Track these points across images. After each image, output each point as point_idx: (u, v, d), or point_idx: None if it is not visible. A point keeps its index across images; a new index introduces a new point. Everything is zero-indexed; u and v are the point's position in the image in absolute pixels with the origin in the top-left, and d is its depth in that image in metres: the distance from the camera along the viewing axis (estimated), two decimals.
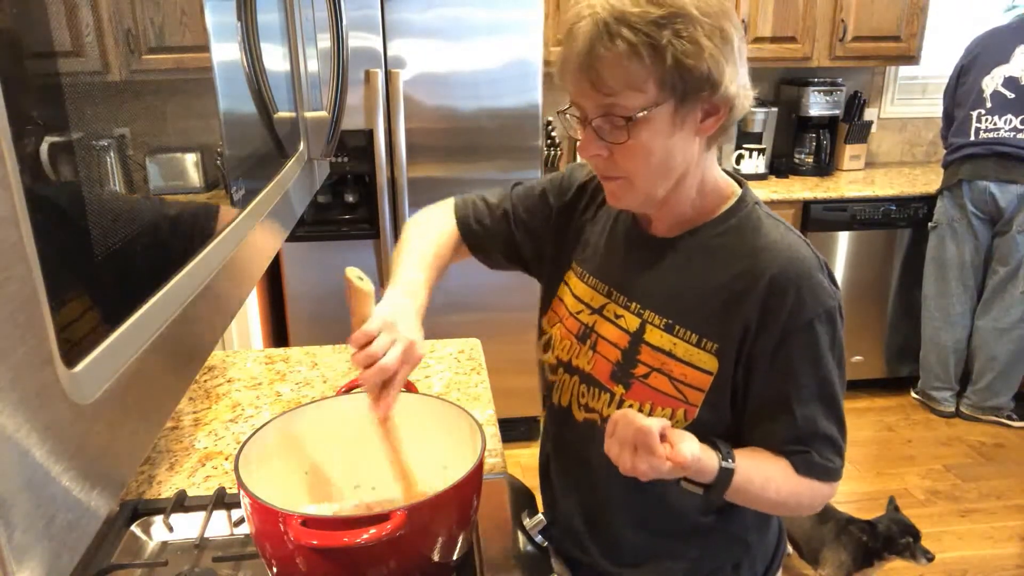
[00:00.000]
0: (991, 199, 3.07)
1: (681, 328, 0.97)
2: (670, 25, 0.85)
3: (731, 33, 0.89)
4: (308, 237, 2.78)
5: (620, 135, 0.90)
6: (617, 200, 0.98)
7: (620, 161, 0.92)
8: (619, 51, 0.86)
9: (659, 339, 0.98)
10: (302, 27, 1.01)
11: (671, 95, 0.88)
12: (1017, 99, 3.03)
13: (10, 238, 0.34)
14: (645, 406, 0.98)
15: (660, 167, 0.93)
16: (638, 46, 0.85)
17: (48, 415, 0.36)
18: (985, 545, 2.60)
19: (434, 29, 2.64)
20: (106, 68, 0.47)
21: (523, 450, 3.11)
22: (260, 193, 0.80)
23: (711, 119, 0.92)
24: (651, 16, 0.85)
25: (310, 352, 1.73)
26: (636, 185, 0.94)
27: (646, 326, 1.00)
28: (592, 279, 1.09)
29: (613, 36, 0.85)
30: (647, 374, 0.98)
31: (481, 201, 1.22)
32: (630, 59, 0.86)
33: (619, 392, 1.00)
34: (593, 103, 0.90)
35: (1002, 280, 3.17)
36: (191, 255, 0.58)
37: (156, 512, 1.10)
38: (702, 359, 0.95)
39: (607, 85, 0.88)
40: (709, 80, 0.87)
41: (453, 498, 0.88)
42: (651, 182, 0.94)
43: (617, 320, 1.03)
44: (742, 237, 0.97)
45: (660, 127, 0.90)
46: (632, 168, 0.93)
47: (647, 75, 0.86)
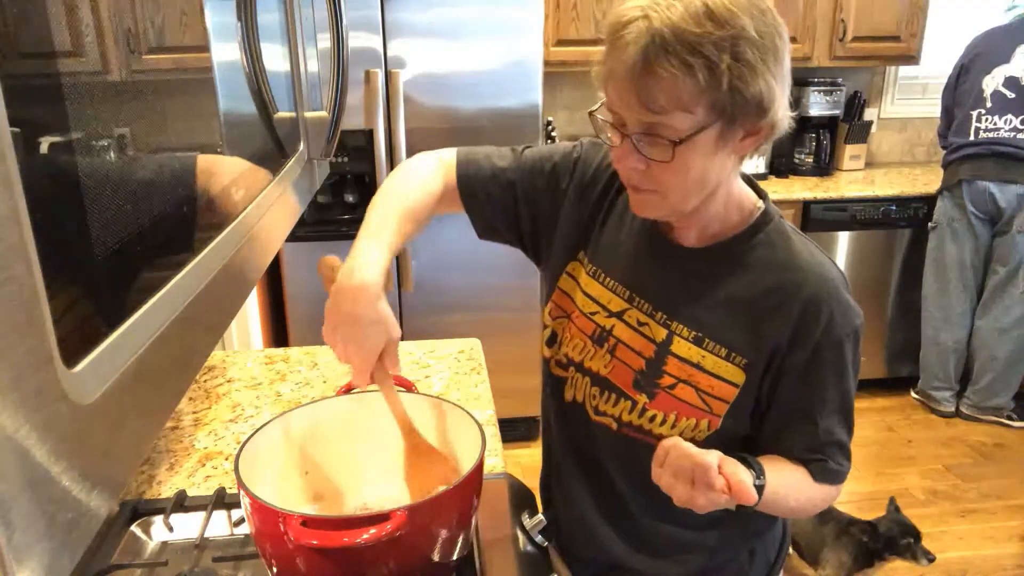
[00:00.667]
0: (991, 199, 3.07)
1: (710, 341, 0.97)
2: (730, 48, 0.81)
3: (783, 54, 0.86)
4: (308, 237, 2.78)
5: (663, 154, 0.86)
6: (642, 211, 0.96)
7: (656, 176, 0.89)
8: (674, 71, 0.81)
9: (687, 351, 0.98)
10: (302, 27, 1.01)
11: (719, 118, 0.85)
12: (1017, 99, 3.02)
13: (10, 238, 0.34)
14: (670, 416, 0.98)
15: (695, 184, 0.90)
16: (695, 68, 0.81)
17: (48, 415, 0.36)
18: (985, 545, 2.60)
19: (434, 29, 2.64)
20: (106, 68, 0.47)
21: (523, 450, 3.11)
22: (260, 193, 0.80)
23: (751, 139, 0.89)
24: (713, 37, 0.80)
25: (310, 352, 1.73)
26: (668, 200, 0.92)
27: (673, 337, 0.99)
28: (610, 280, 1.06)
29: (670, 54, 0.81)
30: (673, 385, 0.98)
31: (487, 161, 1.14)
32: (685, 80, 0.81)
33: (642, 401, 1.00)
34: (637, 118, 0.86)
35: (1002, 280, 3.17)
36: (191, 255, 0.58)
37: (156, 512, 1.10)
38: (730, 372, 0.96)
39: (656, 103, 0.83)
40: (760, 105, 0.85)
41: (453, 498, 0.88)
42: (683, 198, 0.92)
43: (640, 328, 1.02)
44: (773, 252, 0.97)
45: (703, 148, 0.86)
46: (667, 184, 0.90)
47: (699, 97, 0.83)
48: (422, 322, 2.93)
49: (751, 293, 0.96)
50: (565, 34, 3.15)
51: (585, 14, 3.14)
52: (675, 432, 0.98)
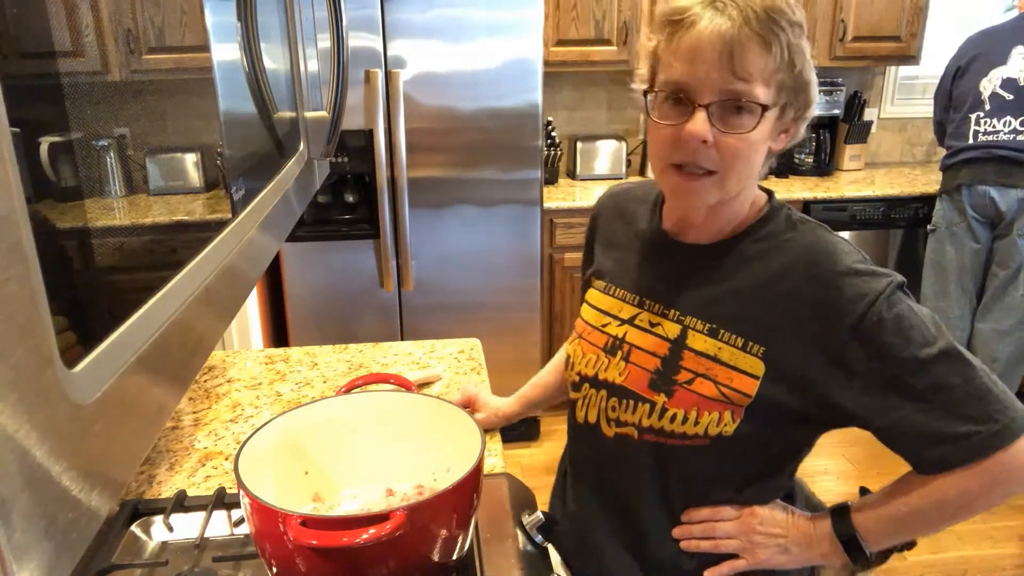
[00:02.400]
0: (991, 203, 3.07)
1: (725, 332, 0.96)
2: (803, 32, 0.88)
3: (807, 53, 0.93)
4: (308, 237, 2.78)
5: (743, 123, 0.88)
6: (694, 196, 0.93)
7: (721, 151, 0.89)
8: (764, 42, 0.86)
9: (703, 344, 0.97)
10: (302, 27, 1.01)
11: (782, 100, 0.90)
12: (1015, 101, 3.02)
13: (10, 238, 0.34)
14: (691, 413, 0.96)
15: (748, 168, 0.92)
16: (782, 43, 0.86)
17: (48, 415, 0.36)
18: (985, 545, 2.60)
19: (434, 29, 2.64)
20: (106, 68, 0.47)
21: (523, 450, 3.11)
22: (260, 193, 0.80)
23: (784, 135, 0.94)
24: (795, 19, 0.88)
25: (310, 352, 1.73)
26: (725, 182, 0.91)
27: (688, 331, 0.98)
28: (619, 291, 1.07)
29: (762, 28, 0.86)
30: (691, 380, 0.97)
31: None
32: (770, 54, 0.87)
33: (660, 400, 0.98)
34: (720, 85, 0.87)
35: (1002, 283, 3.16)
36: (191, 255, 0.58)
37: (156, 512, 1.10)
38: (749, 363, 0.94)
39: (746, 70, 0.86)
40: (808, 92, 0.91)
41: (453, 498, 0.88)
42: (737, 181, 0.92)
43: (653, 328, 1.02)
44: (779, 240, 0.97)
45: (766, 129, 0.90)
46: (730, 162, 0.90)
47: (775, 74, 0.88)
48: (422, 322, 2.93)
49: (759, 281, 0.95)
50: (565, 34, 3.15)
51: (585, 14, 3.14)
52: (698, 430, 0.95)
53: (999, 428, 0.86)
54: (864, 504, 0.97)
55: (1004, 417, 0.86)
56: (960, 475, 0.88)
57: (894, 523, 0.95)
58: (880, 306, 0.88)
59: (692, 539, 1.01)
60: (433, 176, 2.80)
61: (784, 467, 1.03)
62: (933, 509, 0.92)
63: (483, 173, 2.82)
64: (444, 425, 1.05)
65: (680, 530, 1.02)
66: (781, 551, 0.99)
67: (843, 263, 0.91)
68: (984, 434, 0.86)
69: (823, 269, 0.91)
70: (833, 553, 0.96)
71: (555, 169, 3.44)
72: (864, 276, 0.90)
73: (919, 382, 0.87)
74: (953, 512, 0.92)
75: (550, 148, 3.38)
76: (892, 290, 0.89)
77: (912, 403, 0.87)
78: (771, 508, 1.00)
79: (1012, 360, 3.22)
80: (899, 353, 0.87)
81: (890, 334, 0.87)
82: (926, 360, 0.87)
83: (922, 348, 0.87)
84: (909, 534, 0.97)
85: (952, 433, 0.86)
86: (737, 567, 1.00)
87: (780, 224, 0.98)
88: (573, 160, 3.54)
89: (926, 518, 0.93)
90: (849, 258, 0.92)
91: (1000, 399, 0.87)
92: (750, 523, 0.99)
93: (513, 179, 2.84)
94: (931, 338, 0.88)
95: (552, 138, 3.40)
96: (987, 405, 0.86)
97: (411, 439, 1.07)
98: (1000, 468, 0.86)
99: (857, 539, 0.95)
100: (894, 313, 0.88)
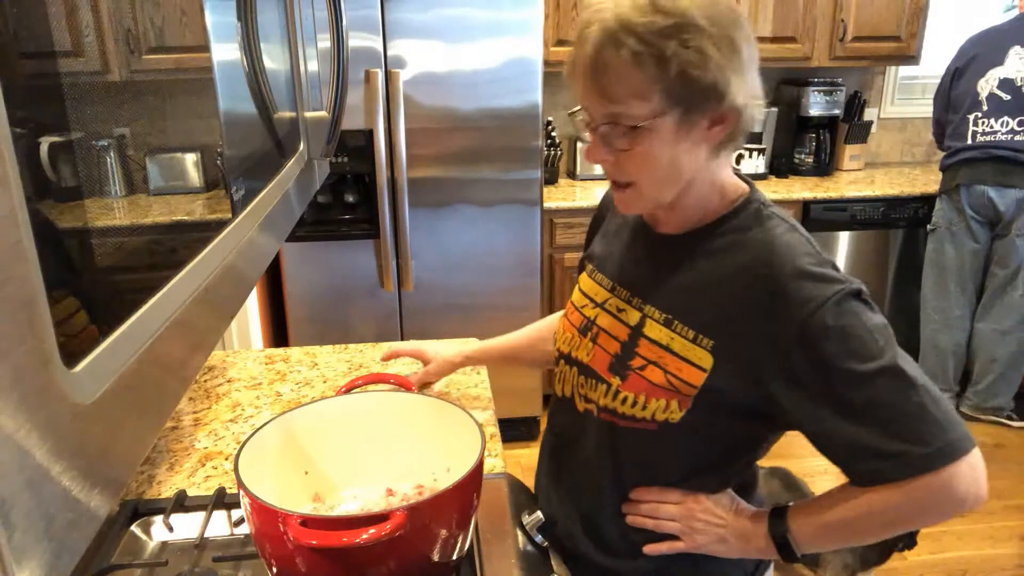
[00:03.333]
0: (990, 203, 3.07)
1: (679, 323, 0.97)
2: (676, 35, 0.84)
3: (740, 43, 0.88)
4: (308, 237, 2.78)
5: (624, 143, 0.90)
6: (627, 207, 0.99)
7: (626, 167, 0.93)
8: (624, 60, 0.86)
9: (658, 333, 0.99)
10: (302, 27, 1.01)
11: (676, 105, 0.87)
12: (1013, 101, 3.02)
13: (10, 238, 0.34)
14: (640, 398, 0.99)
15: (667, 174, 0.93)
16: (643, 56, 0.85)
17: (48, 415, 0.36)
18: (985, 545, 2.60)
19: (434, 29, 2.64)
20: (106, 68, 0.47)
21: (523, 450, 3.11)
22: (260, 193, 0.80)
23: (718, 127, 0.91)
24: (657, 26, 0.85)
25: (310, 352, 1.73)
26: (644, 192, 0.95)
27: (646, 320, 1.01)
28: (599, 275, 1.12)
29: (619, 45, 0.85)
30: (643, 366, 0.99)
31: None
32: (635, 68, 0.86)
33: (615, 383, 1.01)
34: (599, 110, 0.91)
35: (1001, 283, 3.16)
36: (191, 255, 0.58)
37: (156, 512, 1.10)
38: (698, 355, 0.95)
39: (612, 93, 0.88)
40: (715, 91, 0.87)
41: (453, 498, 0.88)
42: (658, 188, 0.95)
43: (619, 314, 1.05)
44: (744, 235, 0.96)
45: (665, 136, 0.89)
46: (638, 175, 0.93)
47: (652, 85, 0.86)
48: (422, 322, 2.93)
49: (717, 276, 0.96)
50: (565, 34, 3.15)
51: None
52: (646, 414, 0.98)
53: (931, 452, 0.85)
54: (800, 508, 0.98)
55: (938, 441, 0.85)
56: (890, 492, 0.88)
57: (825, 530, 0.96)
58: (825, 313, 0.86)
59: (638, 516, 1.04)
60: (433, 176, 2.80)
61: (734, 460, 1.04)
62: (862, 521, 0.92)
63: (483, 173, 2.82)
64: (444, 425, 1.05)
65: (627, 506, 1.05)
66: (719, 540, 1.01)
67: (797, 264, 0.90)
68: (915, 454, 0.86)
69: (776, 269, 0.90)
70: (768, 550, 0.99)
71: (555, 169, 3.44)
72: (815, 280, 0.88)
73: (856, 396, 0.87)
74: (881, 527, 0.93)
75: (550, 148, 3.38)
76: (842, 297, 0.87)
77: (847, 416, 0.87)
78: (717, 498, 1.03)
79: (1012, 360, 3.22)
80: (839, 364, 0.86)
81: (832, 343, 0.86)
82: (865, 375, 0.86)
83: (863, 362, 0.86)
84: (839, 542, 0.99)
85: (884, 450, 0.86)
86: (676, 547, 1.03)
87: (747, 219, 0.98)
88: (573, 160, 3.54)
89: (854, 529, 0.94)
90: (804, 260, 0.90)
91: (938, 421, 0.86)
92: (693, 509, 1.02)
93: (513, 179, 2.84)
94: (875, 352, 0.86)
95: (552, 138, 3.40)
96: (923, 426, 0.86)
97: (411, 439, 1.08)
98: (929, 491, 0.87)
99: (789, 540, 0.97)
100: (840, 323, 0.86)
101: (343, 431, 1.07)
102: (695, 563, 1.05)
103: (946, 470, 0.85)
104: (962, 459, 0.86)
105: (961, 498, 0.87)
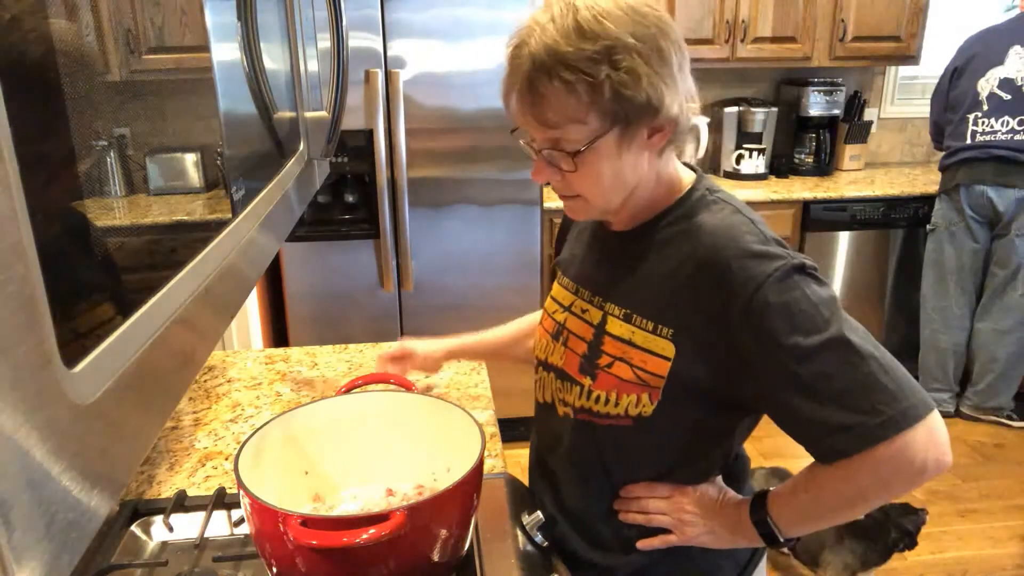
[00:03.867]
0: (989, 203, 3.07)
1: (638, 317, 0.98)
2: (606, 59, 0.85)
3: (669, 52, 0.88)
4: (308, 237, 2.78)
5: (568, 164, 0.92)
6: (575, 214, 1.02)
7: (573, 183, 0.95)
8: (557, 89, 0.86)
9: (619, 329, 1.00)
10: (302, 27, 1.01)
11: (614, 123, 0.89)
12: (1013, 101, 3.02)
13: (10, 238, 0.34)
14: (611, 395, 1.00)
15: (612, 185, 0.95)
16: (574, 84, 0.85)
17: (48, 415, 0.36)
18: (985, 545, 2.60)
19: (434, 29, 2.64)
20: (106, 68, 0.47)
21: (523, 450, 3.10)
22: (260, 193, 0.80)
23: (657, 135, 0.93)
24: (586, 52, 0.85)
25: (310, 352, 1.73)
26: (591, 203, 0.97)
27: (607, 317, 1.02)
28: (565, 279, 1.14)
29: (550, 76, 0.86)
30: (610, 364, 1.00)
31: None
32: (568, 96, 0.87)
33: (587, 383, 1.02)
34: (539, 135, 0.92)
35: (1001, 283, 3.16)
36: (191, 255, 0.58)
37: (156, 512, 1.10)
38: (660, 345, 0.96)
39: (549, 120, 0.89)
40: (650, 106, 0.88)
41: (453, 498, 0.88)
42: (605, 199, 0.97)
43: (583, 315, 1.06)
44: (688, 223, 0.97)
45: (606, 153, 0.91)
46: (584, 189, 0.95)
47: (587, 109, 0.87)
48: (422, 322, 2.93)
49: (668, 266, 0.96)
50: None
51: None
52: (620, 411, 0.99)
53: (883, 420, 0.85)
54: (777, 491, 0.99)
55: (890, 409, 0.85)
56: (852, 466, 0.88)
57: (801, 511, 0.97)
58: (767, 290, 0.87)
59: (628, 512, 1.05)
60: (433, 176, 2.80)
61: (710, 449, 1.04)
62: (832, 498, 0.93)
63: (483, 173, 2.82)
64: (444, 425, 1.05)
65: (618, 503, 1.06)
66: (708, 531, 1.02)
67: (739, 245, 0.90)
68: (868, 425, 0.85)
69: (720, 251, 0.91)
70: (755, 538, 0.99)
71: None
72: (757, 258, 0.88)
73: (804, 370, 0.86)
74: (849, 502, 0.92)
75: None
76: (784, 273, 0.87)
77: (799, 392, 0.87)
78: (704, 489, 1.03)
79: (1012, 360, 3.22)
80: (783, 340, 0.86)
81: (775, 319, 0.86)
82: (810, 348, 0.86)
83: (809, 335, 0.86)
84: (818, 522, 0.98)
85: (839, 424, 0.86)
86: (669, 541, 1.03)
87: (691, 207, 0.98)
88: None
89: (828, 506, 0.95)
90: (746, 240, 0.91)
91: (889, 390, 0.85)
92: (680, 502, 1.02)
93: (513, 179, 2.84)
94: (821, 325, 0.86)
95: None
96: (873, 395, 0.85)
97: (411, 439, 1.08)
98: (887, 460, 0.86)
99: (769, 525, 0.97)
100: (783, 298, 0.86)
101: (343, 431, 1.07)
102: (688, 556, 1.05)
103: (900, 437, 0.85)
104: (916, 425, 0.85)
105: (921, 464, 0.86)
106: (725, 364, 0.92)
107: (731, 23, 3.28)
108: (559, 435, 1.10)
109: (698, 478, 1.04)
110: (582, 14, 0.86)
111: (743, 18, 3.29)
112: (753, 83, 3.72)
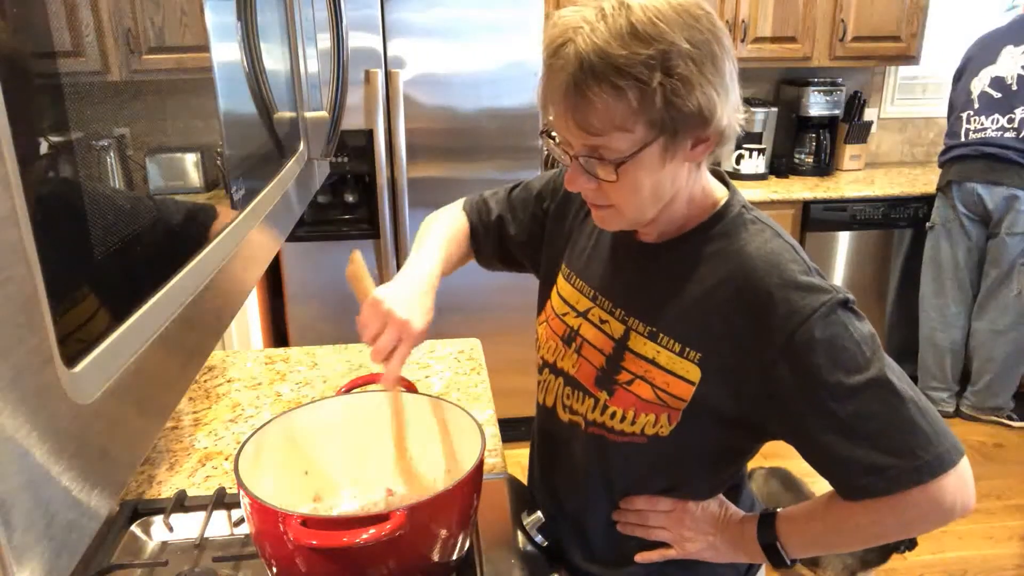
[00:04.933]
0: (979, 200, 3.08)
1: (664, 336, 0.94)
2: (660, 65, 0.79)
3: (722, 60, 0.83)
4: (308, 237, 2.78)
5: (608, 174, 0.86)
6: (605, 224, 0.96)
7: (608, 193, 0.89)
8: (605, 94, 0.80)
9: (643, 347, 0.96)
10: (302, 27, 1.01)
11: (660, 132, 0.83)
12: (1003, 98, 3.03)
13: (10, 238, 0.34)
14: (628, 413, 0.96)
15: (649, 198, 0.89)
16: (625, 90, 0.79)
17: (48, 415, 0.36)
18: (985, 545, 2.60)
19: (434, 29, 2.64)
20: (106, 68, 0.47)
21: (523, 450, 3.10)
22: (260, 193, 0.80)
23: (701, 146, 0.87)
24: (640, 57, 0.78)
25: (310, 352, 1.73)
26: (625, 214, 0.91)
27: (630, 333, 0.98)
28: (579, 281, 1.08)
29: (599, 79, 0.79)
30: (630, 381, 0.97)
31: (482, 202, 1.24)
32: (617, 103, 0.80)
33: (603, 398, 0.99)
34: (578, 141, 0.86)
35: (995, 282, 3.17)
36: (191, 255, 0.58)
37: (156, 512, 1.10)
38: (685, 368, 0.93)
39: (592, 127, 0.83)
40: (700, 116, 0.82)
41: (453, 498, 0.88)
42: (640, 211, 0.91)
43: (602, 325, 1.02)
44: (727, 244, 0.93)
45: (649, 164, 0.85)
46: (621, 200, 0.89)
47: (635, 117, 0.81)
48: None
49: (703, 287, 0.93)
50: None
51: None
52: (635, 429, 0.96)
53: (919, 464, 0.84)
54: (789, 515, 0.98)
55: (926, 454, 0.84)
56: (877, 506, 0.88)
57: (812, 537, 0.97)
58: (812, 325, 0.84)
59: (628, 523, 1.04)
60: (433, 176, 2.80)
61: (722, 469, 1.03)
62: (850, 532, 0.93)
63: (483, 173, 2.82)
64: (444, 425, 1.05)
65: (617, 514, 1.04)
66: (709, 547, 1.01)
67: (783, 275, 0.87)
68: (904, 468, 0.84)
69: (762, 280, 0.88)
70: (758, 556, 0.98)
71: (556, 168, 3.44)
72: (802, 291, 0.86)
73: (843, 409, 0.85)
74: (867, 538, 0.93)
75: None
76: (830, 309, 0.85)
77: (835, 430, 0.86)
78: (706, 505, 1.02)
79: (1009, 360, 3.23)
80: (826, 377, 0.84)
81: (819, 355, 0.84)
82: (853, 387, 0.84)
83: (851, 374, 0.84)
84: (826, 549, 1.01)
85: (872, 464, 0.85)
86: (668, 555, 1.02)
87: (729, 225, 0.94)
88: None
89: (843, 538, 0.95)
90: (791, 269, 0.88)
91: (926, 434, 0.85)
92: (682, 518, 1.01)
93: (513, 179, 2.83)
94: (863, 364, 0.85)
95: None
96: (911, 439, 0.84)
97: (411, 439, 1.08)
98: (916, 504, 0.86)
99: (778, 549, 0.97)
100: (828, 334, 0.84)
101: (343, 431, 1.07)
102: (686, 567, 1.04)
103: (934, 483, 0.84)
104: (950, 471, 0.85)
105: (949, 508, 0.86)
106: (753, 393, 0.89)
107: (731, 23, 3.28)
108: (563, 442, 1.07)
109: (705, 494, 1.02)
110: (636, 14, 0.80)
111: (743, 18, 3.29)
112: (753, 83, 3.72)
